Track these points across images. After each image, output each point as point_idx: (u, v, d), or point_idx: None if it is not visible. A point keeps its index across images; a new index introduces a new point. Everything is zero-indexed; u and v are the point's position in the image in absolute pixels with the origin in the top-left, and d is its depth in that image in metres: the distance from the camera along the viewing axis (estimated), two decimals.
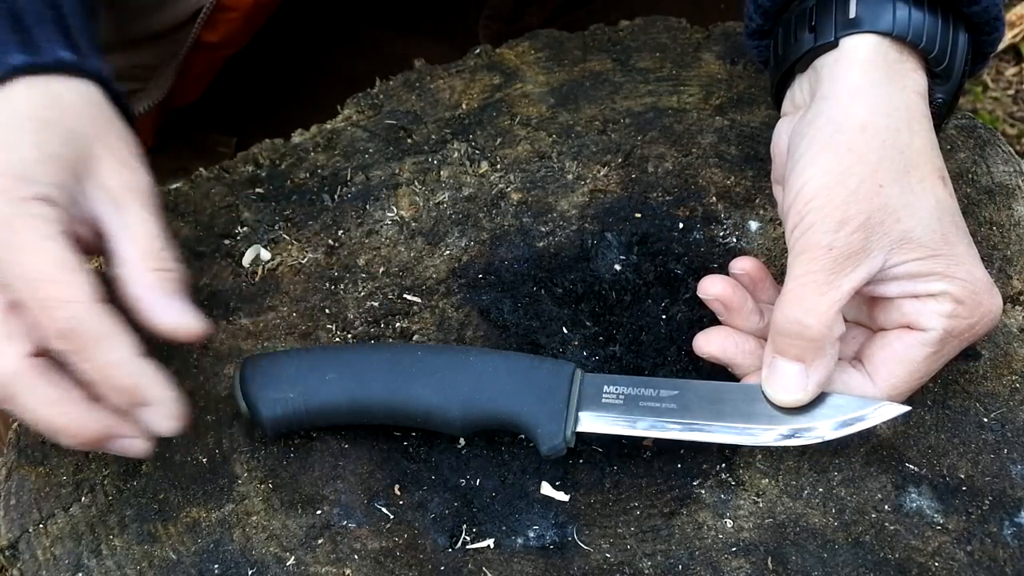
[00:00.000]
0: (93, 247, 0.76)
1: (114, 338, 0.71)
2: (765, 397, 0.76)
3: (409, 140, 1.00)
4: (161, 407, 0.73)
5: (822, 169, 0.74)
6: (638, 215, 0.93)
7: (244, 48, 1.14)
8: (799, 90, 0.83)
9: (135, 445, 0.74)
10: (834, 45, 0.79)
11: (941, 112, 0.81)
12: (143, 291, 0.74)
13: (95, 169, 0.76)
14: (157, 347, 0.87)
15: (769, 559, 0.74)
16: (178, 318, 0.74)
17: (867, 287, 0.76)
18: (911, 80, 0.78)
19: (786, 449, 0.79)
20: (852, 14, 0.78)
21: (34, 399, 0.71)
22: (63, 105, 0.77)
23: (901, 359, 0.75)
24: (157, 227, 0.76)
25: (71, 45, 0.78)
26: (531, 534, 0.76)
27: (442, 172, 0.97)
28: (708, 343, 0.79)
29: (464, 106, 1.02)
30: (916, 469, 0.78)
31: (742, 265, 0.81)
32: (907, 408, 0.75)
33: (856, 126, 0.75)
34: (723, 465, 0.79)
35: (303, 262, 0.91)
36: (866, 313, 0.79)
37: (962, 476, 0.77)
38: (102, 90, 0.79)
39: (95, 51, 0.81)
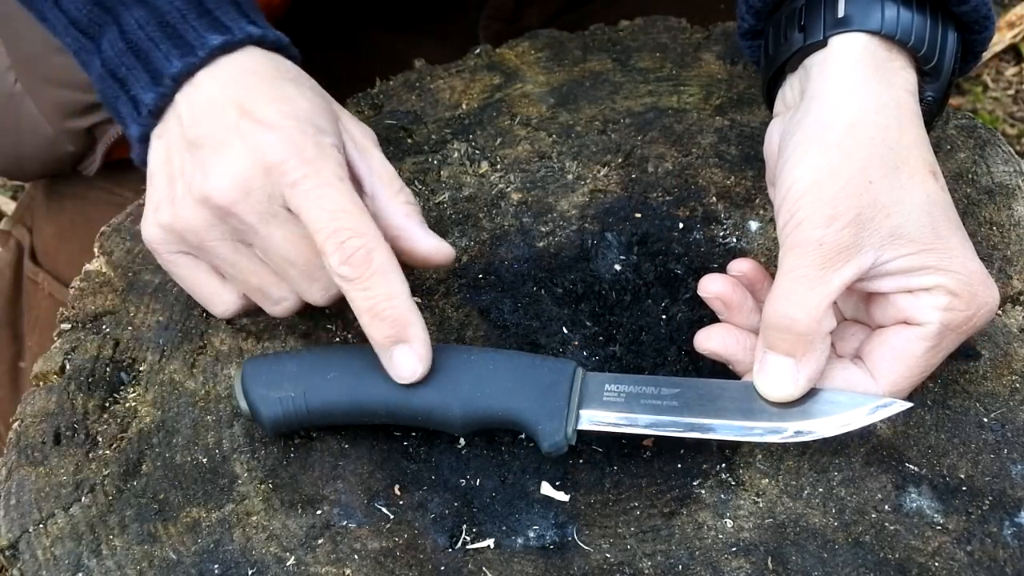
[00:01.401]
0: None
1: (397, 273, 0.77)
2: (756, 392, 0.76)
3: (409, 140, 1.00)
4: (417, 347, 0.77)
5: (812, 166, 0.75)
6: (638, 215, 0.93)
7: None
8: (790, 90, 0.83)
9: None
10: (823, 44, 0.79)
11: (932, 110, 0.82)
12: (402, 221, 0.83)
13: (343, 122, 0.85)
14: (154, 346, 0.86)
15: (769, 559, 0.74)
16: (435, 243, 0.83)
17: (861, 283, 0.76)
18: (900, 78, 0.78)
19: (786, 449, 0.79)
20: (841, 13, 0.79)
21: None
22: (289, 68, 0.85)
23: (900, 355, 0.75)
24: (393, 169, 0.85)
25: (251, 20, 0.85)
26: (531, 534, 0.76)
27: (442, 172, 0.97)
28: (709, 339, 0.79)
29: (464, 106, 1.02)
30: (916, 469, 0.78)
31: (740, 267, 0.81)
32: (909, 404, 0.75)
33: (845, 123, 0.76)
34: (723, 465, 0.79)
35: None
36: (864, 310, 0.79)
37: (962, 476, 0.77)
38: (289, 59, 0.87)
39: (267, 23, 0.87)
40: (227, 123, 0.80)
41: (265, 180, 0.78)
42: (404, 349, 0.77)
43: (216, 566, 0.75)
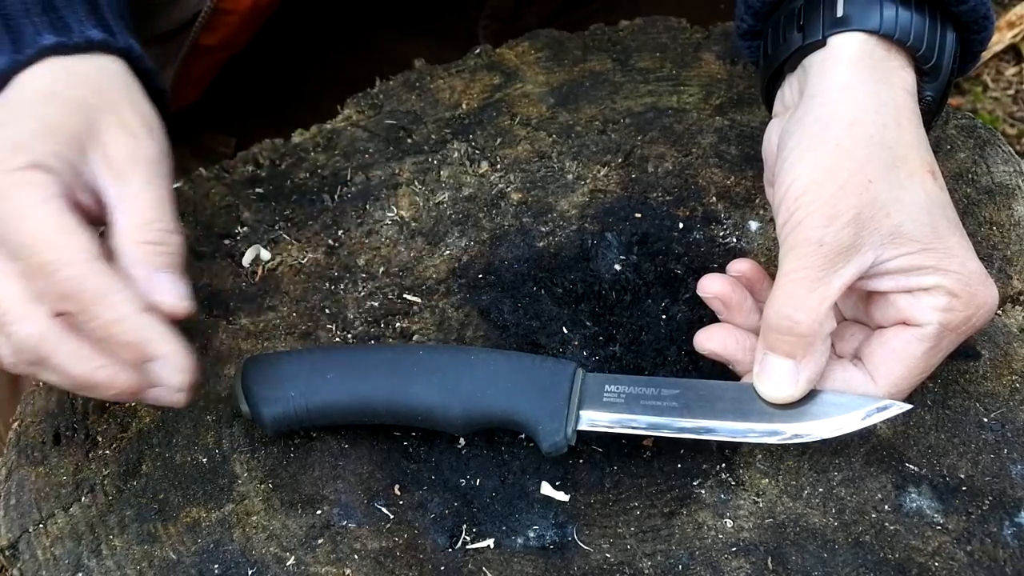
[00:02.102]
0: (98, 217, 0.76)
1: (115, 295, 0.71)
2: (756, 393, 0.76)
3: (409, 140, 1.00)
4: (169, 360, 0.72)
5: (811, 165, 0.75)
6: (638, 215, 0.93)
7: (244, 48, 1.14)
8: (789, 90, 0.83)
9: (170, 394, 0.73)
10: (822, 44, 0.79)
11: (931, 109, 0.82)
12: (130, 264, 0.73)
13: (100, 139, 0.76)
14: None
15: (769, 559, 0.74)
16: (162, 295, 0.73)
17: (860, 282, 0.76)
18: (899, 77, 0.78)
19: (786, 449, 0.79)
20: (840, 13, 0.79)
21: (68, 356, 0.71)
22: (75, 78, 0.77)
23: (900, 356, 0.75)
24: (159, 198, 0.75)
25: (101, 23, 0.80)
26: (531, 534, 0.76)
27: (442, 172, 0.97)
28: (709, 340, 0.79)
29: (464, 106, 1.02)
30: (916, 469, 0.78)
31: (739, 268, 0.81)
32: (908, 406, 0.75)
33: (844, 123, 0.76)
34: (723, 465, 0.79)
35: (303, 262, 0.91)
36: (863, 310, 0.79)
37: (962, 476, 0.77)
38: (129, 66, 0.80)
39: (125, 28, 0.82)
40: None
41: None
42: (156, 364, 0.72)
43: (216, 566, 0.75)
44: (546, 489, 0.79)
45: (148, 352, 0.71)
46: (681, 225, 0.92)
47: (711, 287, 0.80)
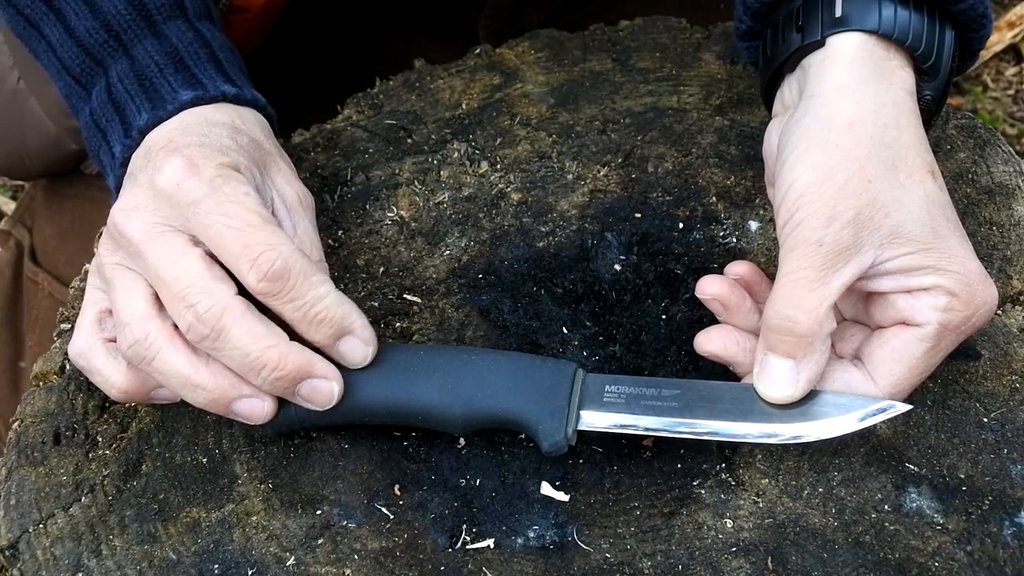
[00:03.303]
0: None
1: (319, 275, 0.77)
2: (756, 394, 0.76)
3: (409, 140, 1.00)
4: (362, 333, 0.78)
5: (811, 166, 0.75)
6: (638, 215, 0.93)
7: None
8: (788, 90, 0.83)
9: (262, 406, 0.77)
10: (821, 44, 0.79)
11: (930, 109, 0.82)
12: None
13: (273, 177, 0.84)
14: None
15: (769, 559, 0.74)
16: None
17: (860, 283, 0.76)
18: (898, 77, 0.78)
19: (786, 449, 0.79)
20: (838, 13, 0.79)
21: (246, 333, 0.74)
22: (246, 121, 0.86)
23: (900, 356, 0.75)
24: (319, 240, 0.85)
25: (228, 79, 0.86)
26: (531, 534, 0.76)
27: (442, 172, 0.97)
28: (709, 341, 0.79)
29: (464, 106, 1.02)
30: (916, 469, 0.78)
31: (737, 270, 0.81)
32: (909, 407, 0.75)
33: (844, 123, 0.76)
34: (723, 465, 0.79)
35: None
36: (863, 311, 0.79)
37: (962, 476, 0.77)
38: (262, 116, 0.88)
39: (248, 82, 0.89)
40: (146, 155, 0.81)
41: (158, 202, 0.77)
42: (348, 339, 0.77)
43: (216, 566, 0.75)
44: (546, 489, 0.79)
45: (349, 325, 0.77)
46: (681, 225, 0.92)
47: (709, 288, 0.80)
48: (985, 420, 0.79)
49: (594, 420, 0.76)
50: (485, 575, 0.74)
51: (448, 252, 0.92)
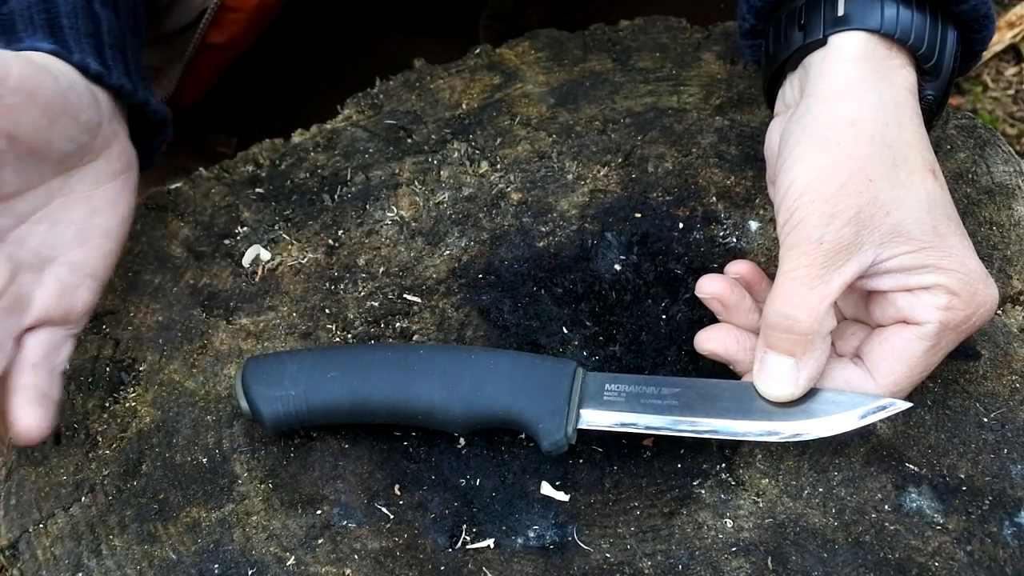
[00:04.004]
0: None
1: None
2: (756, 392, 0.76)
3: (409, 140, 1.00)
4: None
5: (811, 164, 0.75)
6: (638, 215, 0.93)
7: (245, 49, 1.14)
8: (790, 89, 0.83)
9: None
10: (823, 43, 0.79)
11: (931, 109, 0.82)
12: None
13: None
14: (154, 346, 0.87)
15: (769, 559, 0.74)
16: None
17: (860, 281, 0.76)
18: (900, 76, 0.78)
19: (786, 449, 0.79)
20: (841, 12, 0.79)
21: None
22: None
23: (900, 355, 0.75)
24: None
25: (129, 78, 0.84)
26: (531, 534, 0.76)
27: (442, 172, 0.97)
28: (709, 340, 0.79)
29: (464, 106, 1.02)
30: (916, 469, 0.78)
31: (737, 269, 0.81)
32: (909, 404, 0.75)
33: (845, 121, 0.76)
34: (723, 465, 0.79)
35: (303, 262, 0.91)
36: (864, 309, 0.79)
37: (962, 476, 0.77)
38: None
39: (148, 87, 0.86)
40: None
41: None
42: None
43: (216, 566, 0.75)
44: (546, 489, 0.79)
45: None
46: (681, 225, 0.92)
47: (709, 288, 0.80)
48: (985, 420, 0.79)
49: (594, 419, 0.77)
50: (485, 575, 0.74)
51: (448, 252, 0.92)
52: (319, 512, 0.77)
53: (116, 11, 0.86)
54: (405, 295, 0.89)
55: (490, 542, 0.76)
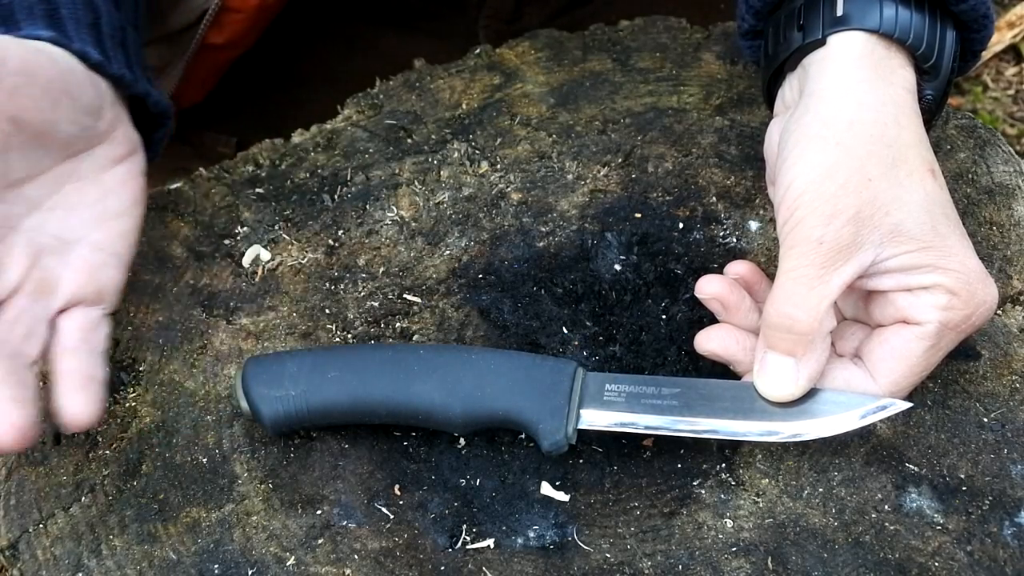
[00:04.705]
0: None
1: None
2: (757, 392, 0.76)
3: (409, 140, 1.00)
4: None
5: (811, 164, 0.75)
6: (638, 215, 0.93)
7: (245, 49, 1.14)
8: (789, 89, 0.83)
9: None
10: (822, 43, 0.79)
11: (931, 108, 0.82)
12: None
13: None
14: (154, 346, 0.87)
15: (769, 559, 0.74)
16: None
17: (860, 281, 0.76)
18: (899, 76, 0.78)
19: (786, 449, 0.79)
20: (840, 12, 0.79)
21: None
22: None
23: (900, 355, 0.75)
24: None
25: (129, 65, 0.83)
26: (531, 534, 0.76)
27: (442, 172, 0.97)
28: (709, 340, 0.79)
29: (464, 106, 1.02)
30: (916, 469, 0.78)
31: (736, 270, 0.81)
32: (909, 404, 0.75)
33: (844, 121, 0.76)
34: (723, 465, 0.79)
35: (303, 262, 0.91)
36: (863, 309, 0.79)
37: (962, 476, 0.77)
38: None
39: (148, 78, 0.86)
40: None
41: None
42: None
43: (216, 566, 0.75)
44: (546, 489, 0.79)
45: None
46: (681, 225, 0.92)
47: (709, 288, 0.80)
48: (985, 420, 0.79)
49: (594, 419, 0.77)
50: (485, 575, 0.74)
51: (448, 252, 0.92)
52: (319, 512, 0.77)
53: (116, 4, 0.86)
54: (405, 295, 0.89)
55: (490, 542, 0.76)
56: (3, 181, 0.75)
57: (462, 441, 0.81)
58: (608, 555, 0.75)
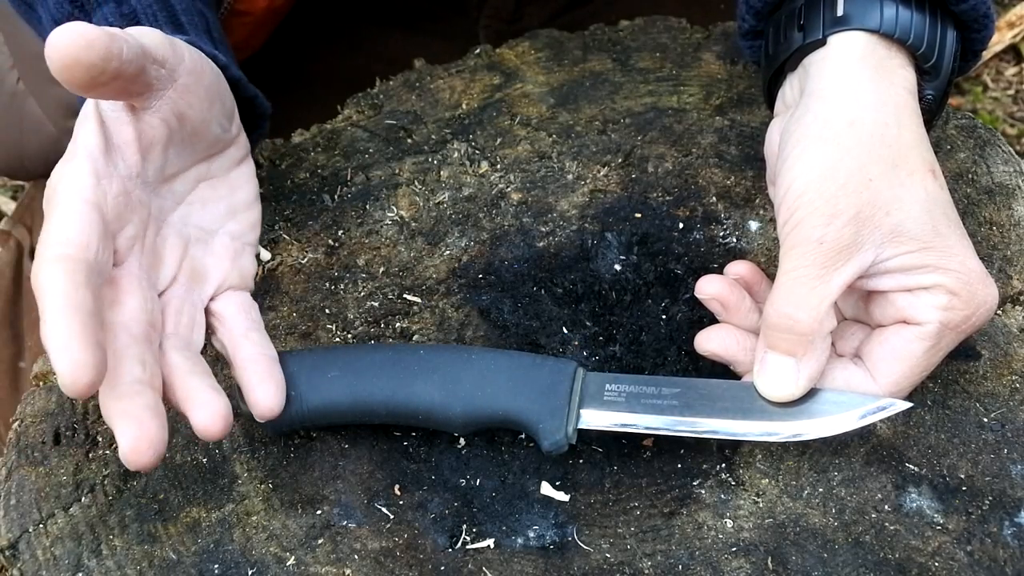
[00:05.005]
0: None
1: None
2: (757, 392, 0.76)
3: (409, 140, 1.00)
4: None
5: (811, 164, 0.75)
6: (638, 215, 0.93)
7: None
8: (789, 89, 0.83)
9: None
10: (822, 43, 0.79)
11: (931, 108, 0.82)
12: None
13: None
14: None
15: (769, 559, 0.74)
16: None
17: (860, 281, 0.76)
18: (899, 76, 0.78)
19: (786, 449, 0.79)
20: (840, 12, 0.79)
21: None
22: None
23: (900, 355, 0.75)
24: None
25: (212, 39, 0.85)
26: (531, 534, 0.76)
27: (442, 172, 0.97)
28: (709, 341, 0.80)
29: (464, 106, 1.02)
30: (916, 469, 0.78)
31: (736, 270, 0.82)
32: (909, 404, 0.75)
33: (845, 121, 0.76)
34: (723, 465, 0.79)
35: (303, 262, 0.91)
36: (864, 310, 0.79)
37: (962, 476, 0.77)
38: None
39: (228, 49, 0.88)
40: None
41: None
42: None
43: (216, 566, 0.75)
44: (546, 489, 0.79)
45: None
46: (681, 225, 0.92)
47: (709, 288, 0.80)
48: (985, 420, 0.80)
49: (594, 419, 0.77)
50: (485, 575, 0.74)
51: (448, 252, 0.92)
52: (319, 512, 0.77)
53: (214, 10, 0.90)
54: (405, 295, 0.89)
55: (490, 542, 0.76)
56: (160, 175, 0.77)
57: (462, 441, 0.81)
58: (608, 555, 0.75)
